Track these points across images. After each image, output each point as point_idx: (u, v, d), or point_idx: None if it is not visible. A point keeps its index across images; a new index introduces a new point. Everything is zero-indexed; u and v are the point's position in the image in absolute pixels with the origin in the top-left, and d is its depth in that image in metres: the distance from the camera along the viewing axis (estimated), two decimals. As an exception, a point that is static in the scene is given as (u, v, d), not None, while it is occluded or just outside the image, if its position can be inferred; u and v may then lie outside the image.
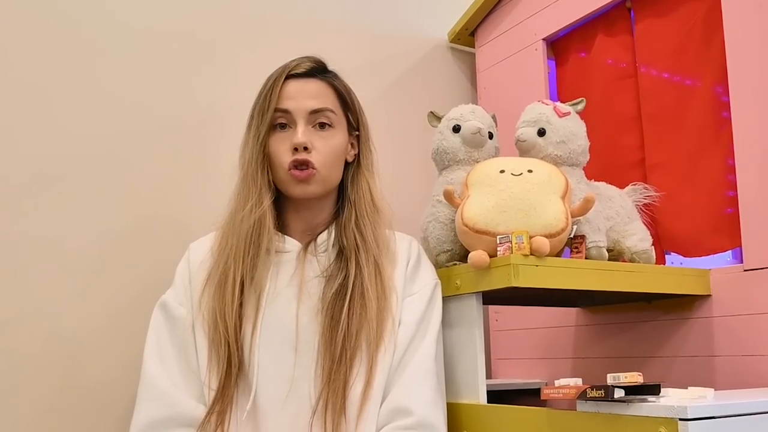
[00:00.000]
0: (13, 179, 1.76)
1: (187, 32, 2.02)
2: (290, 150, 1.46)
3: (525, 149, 1.63)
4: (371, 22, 2.35)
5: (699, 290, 1.66)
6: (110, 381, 1.80)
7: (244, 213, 1.43)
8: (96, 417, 1.78)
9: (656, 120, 1.91)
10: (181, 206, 1.94)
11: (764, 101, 1.58)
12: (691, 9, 1.83)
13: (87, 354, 1.78)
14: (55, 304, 1.77)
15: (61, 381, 1.75)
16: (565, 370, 2.04)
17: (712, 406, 1.09)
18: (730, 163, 1.71)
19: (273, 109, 1.47)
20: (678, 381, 1.71)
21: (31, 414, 1.72)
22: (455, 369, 1.53)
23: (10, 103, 1.78)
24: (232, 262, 1.40)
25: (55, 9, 1.84)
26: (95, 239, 1.83)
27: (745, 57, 1.63)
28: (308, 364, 1.39)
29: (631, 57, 2.00)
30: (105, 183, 1.86)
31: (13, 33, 1.80)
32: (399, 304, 1.45)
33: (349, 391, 1.35)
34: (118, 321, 1.82)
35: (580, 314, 2.02)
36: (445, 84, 2.47)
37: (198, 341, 1.40)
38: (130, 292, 1.85)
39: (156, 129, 1.94)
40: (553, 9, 2.14)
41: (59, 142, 1.82)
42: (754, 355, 1.57)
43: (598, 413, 1.18)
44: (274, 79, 1.49)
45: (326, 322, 1.40)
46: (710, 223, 1.77)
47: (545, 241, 1.41)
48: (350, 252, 1.46)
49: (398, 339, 1.42)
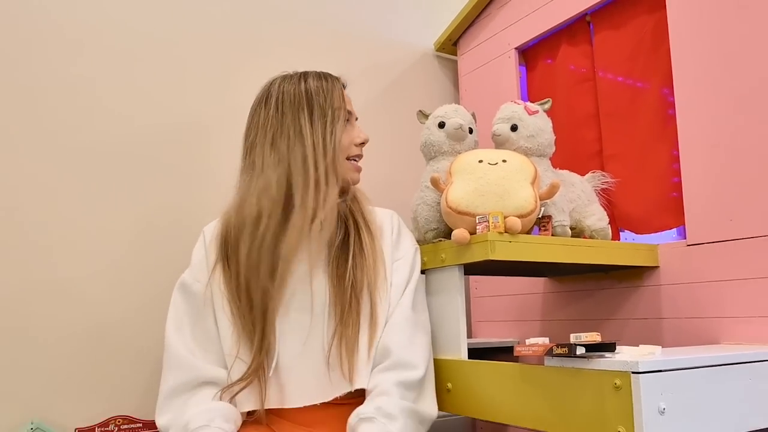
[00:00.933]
0: (53, 171, 1.76)
1: (203, 46, 2.02)
2: (356, 144, 1.54)
3: (500, 142, 1.63)
4: (368, 34, 2.35)
5: (648, 262, 1.66)
6: (138, 349, 1.81)
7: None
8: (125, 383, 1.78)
9: (612, 117, 1.91)
10: (195, 196, 1.93)
11: (704, 101, 1.58)
12: (641, 22, 1.83)
13: (116, 325, 1.78)
14: (87, 281, 1.77)
15: (93, 350, 1.75)
16: (534, 330, 2.04)
17: (659, 360, 1.09)
18: (674, 154, 1.70)
19: (344, 108, 1.50)
20: (630, 340, 1.72)
21: (68, 381, 1.71)
22: (441, 330, 1.53)
23: (52, 104, 1.77)
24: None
25: (101, 30, 1.84)
26: (124, 225, 1.83)
27: (687, 63, 1.62)
28: (321, 321, 1.39)
29: (591, 63, 1.99)
30: (133, 175, 1.86)
31: (69, 48, 1.81)
32: (390, 266, 1.46)
33: (359, 329, 1.37)
34: (143, 297, 1.82)
35: (547, 283, 2.01)
36: (431, 87, 2.47)
37: (216, 312, 1.39)
38: (153, 271, 1.84)
39: (175, 129, 1.94)
40: (523, 22, 2.14)
41: (95, 138, 1.82)
42: (695, 317, 1.57)
43: (563, 367, 1.18)
44: (337, 84, 1.52)
45: (334, 272, 1.40)
46: (658, 205, 1.78)
47: (517, 220, 1.40)
48: (348, 219, 1.47)
49: (390, 299, 1.43)
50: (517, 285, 2.11)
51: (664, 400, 1.08)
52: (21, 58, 1.74)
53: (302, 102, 1.45)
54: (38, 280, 1.69)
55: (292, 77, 1.51)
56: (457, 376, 1.44)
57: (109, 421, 1.70)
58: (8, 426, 1.62)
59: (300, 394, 1.35)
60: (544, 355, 1.19)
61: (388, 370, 1.34)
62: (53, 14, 1.79)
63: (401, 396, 1.30)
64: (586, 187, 1.75)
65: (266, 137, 1.44)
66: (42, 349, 1.68)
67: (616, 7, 1.89)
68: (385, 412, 1.26)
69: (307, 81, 1.48)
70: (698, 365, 1.14)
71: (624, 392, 1.07)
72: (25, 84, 1.74)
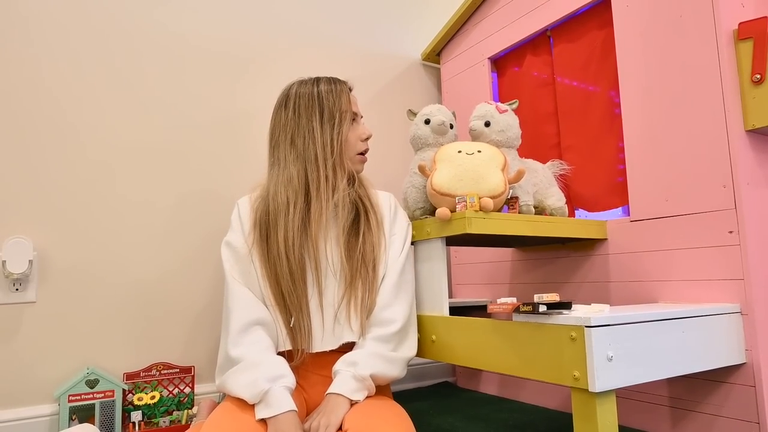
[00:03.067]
0: (114, 156, 1.76)
1: (230, 54, 2.01)
2: (362, 140, 1.51)
3: (476, 136, 1.62)
4: (366, 46, 2.34)
5: (599, 235, 1.65)
6: (175, 307, 1.81)
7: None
8: (164, 334, 1.78)
9: (568, 115, 1.90)
10: (230, 178, 1.93)
11: (644, 102, 1.57)
12: (593, 37, 1.82)
13: (156, 287, 1.78)
14: (141, 249, 1.77)
15: (138, 308, 1.75)
16: (504, 291, 2.03)
17: (608, 316, 1.09)
18: (620, 146, 1.70)
19: (349, 110, 1.48)
20: (584, 300, 1.72)
21: (117, 333, 1.72)
22: (427, 291, 1.52)
23: (115, 103, 1.76)
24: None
25: (161, 40, 1.83)
26: (172, 202, 1.83)
27: (631, 70, 1.61)
28: (332, 281, 1.39)
29: (551, 70, 1.97)
30: (179, 161, 1.86)
31: (133, 54, 1.82)
32: (388, 239, 1.46)
33: (366, 293, 1.37)
34: (187, 262, 1.83)
35: (514, 252, 2.00)
36: (418, 90, 2.45)
37: (255, 264, 1.38)
38: (195, 240, 1.85)
39: (212, 123, 1.94)
40: (495, 37, 2.12)
41: (149, 130, 1.82)
42: (637, 281, 1.57)
43: (528, 322, 1.17)
44: (344, 88, 1.50)
45: (345, 243, 1.40)
46: (606, 188, 1.77)
47: (490, 201, 1.40)
48: (358, 202, 1.45)
49: (386, 266, 1.43)
50: (490, 254, 2.11)
51: (612, 349, 1.08)
52: (99, 60, 1.75)
53: (315, 105, 1.45)
54: (95, 249, 1.69)
55: (306, 82, 1.49)
56: (440, 330, 1.44)
57: (151, 367, 1.70)
58: (69, 371, 1.63)
59: (316, 343, 1.36)
60: (513, 312, 1.19)
61: (369, 326, 1.36)
62: (123, 22, 1.81)
63: (374, 347, 1.32)
64: (547, 173, 1.74)
65: (287, 137, 1.44)
66: (96, 308, 1.68)
67: (572, 24, 1.88)
68: (350, 361, 1.29)
69: (319, 86, 1.48)
70: (640, 320, 1.14)
71: (578, 343, 1.06)
72: (102, 86, 1.74)
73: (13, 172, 1.62)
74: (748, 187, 1.36)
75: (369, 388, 1.28)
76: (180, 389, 1.72)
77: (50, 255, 1.63)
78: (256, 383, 1.19)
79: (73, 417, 1.56)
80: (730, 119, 1.38)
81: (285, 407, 1.16)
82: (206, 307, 1.83)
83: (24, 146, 1.63)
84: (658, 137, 1.53)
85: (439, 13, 2.49)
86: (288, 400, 1.18)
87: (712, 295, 1.40)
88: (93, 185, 1.72)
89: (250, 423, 1.15)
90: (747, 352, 1.33)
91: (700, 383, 1.40)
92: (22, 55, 1.66)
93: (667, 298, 1.49)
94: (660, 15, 1.54)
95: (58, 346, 1.62)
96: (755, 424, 1.29)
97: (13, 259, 1.55)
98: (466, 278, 2.22)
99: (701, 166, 1.43)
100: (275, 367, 1.23)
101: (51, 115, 1.68)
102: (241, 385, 1.21)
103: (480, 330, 1.31)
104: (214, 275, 1.84)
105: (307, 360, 1.37)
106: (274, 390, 1.18)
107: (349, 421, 1.17)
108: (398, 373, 1.35)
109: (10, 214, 1.60)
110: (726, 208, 1.37)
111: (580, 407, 1.07)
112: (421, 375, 2.24)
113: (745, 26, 1.39)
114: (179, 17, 1.91)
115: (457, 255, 2.27)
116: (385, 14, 2.40)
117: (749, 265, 1.33)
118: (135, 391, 1.66)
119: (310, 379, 1.38)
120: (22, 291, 1.59)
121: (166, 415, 1.66)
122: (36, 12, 1.69)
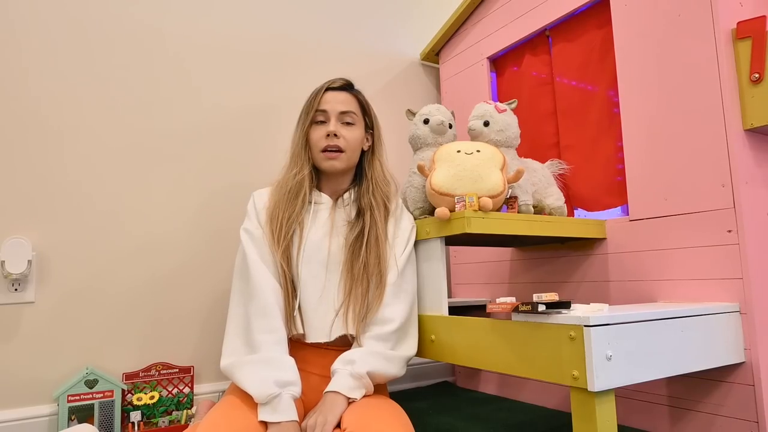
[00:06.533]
0: (113, 156, 1.77)
1: (230, 54, 2.02)
2: (324, 137, 1.49)
3: (474, 135, 1.62)
4: (367, 47, 2.34)
5: (598, 234, 1.65)
6: (173, 308, 1.81)
7: (289, 177, 1.49)
8: (163, 335, 1.78)
9: (567, 115, 1.90)
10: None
11: (643, 101, 1.57)
12: (591, 36, 1.82)
13: (154, 290, 1.79)
14: (140, 249, 1.77)
15: (138, 309, 1.76)
16: (503, 291, 2.03)
17: (606, 316, 1.08)
18: (619, 145, 1.70)
19: (315, 109, 1.51)
20: (583, 299, 1.71)
21: (117, 334, 1.72)
22: (426, 291, 1.52)
23: (115, 103, 1.77)
24: (280, 209, 1.45)
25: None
26: (171, 202, 1.84)
27: (629, 69, 1.61)
28: (334, 279, 1.43)
29: (549, 70, 1.97)
30: (179, 164, 1.87)
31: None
32: (392, 240, 1.49)
33: (366, 300, 1.40)
34: (186, 262, 1.84)
35: (513, 252, 2.00)
36: (418, 89, 2.45)
37: (265, 249, 1.42)
38: (195, 240, 1.85)
39: (213, 124, 1.94)
40: (494, 36, 2.12)
41: (149, 131, 1.84)
42: (636, 280, 1.57)
43: (527, 322, 1.17)
44: (318, 89, 1.54)
45: (349, 255, 1.44)
46: (605, 187, 1.77)
47: (489, 200, 1.40)
48: (366, 210, 1.49)
49: (389, 266, 1.46)
50: (489, 254, 2.10)
51: (611, 348, 1.07)
52: (104, 60, 1.76)
53: (302, 108, 1.55)
54: (94, 250, 1.69)
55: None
56: (439, 329, 1.44)
57: (150, 367, 1.70)
58: (68, 371, 1.63)
59: (314, 333, 1.39)
60: (512, 311, 1.18)
61: (368, 325, 1.39)
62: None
63: (372, 346, 1.35)
64: (546, 172, 1.74)
65: (293, 136, 1.56)
66: (95, 308, 1.68)
67: (570, 23, 1.88)
68: (348, 359, 1.31)
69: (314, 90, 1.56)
70: (639, 320, 1.14)
71: (577, 342, 1.06)
72: (102, 86, 1.76)
73: (12, 172, 1.61)
74: (746, 187, 1.36)
75: (367, 386, 1.29)
76: (179, 389, 1.72)
77: (49, 255, 1.63)
78: (267, 384, 1.21)
79: (72, 417, 1.56)
80: (729, 118, 1.38)
81: (290, 416, 1.19)
82: (206, 307, 1.83)
83: (24, 146, 1.63)
84: (657, 137, 1.53)
85: (438, 13, 2.49)
86: (293, 409, 1.20)
87: (711, 294, 1.39)
88: (92, 186, 1.72)
89: (246, 424, 1.16)
90: (746, 351, 1.33)
91: (699, 382, 1.40)
92: (28, 53, 1.66)
93: (666, 298, 1.49)
94: (659, 14, 1.54)
95: (57, 346, 1.62)
96: (754, 423, 1.29)
97: (12, 259, 1.55)
98: (465, 278, 2.22)
99: (700, 165, 1.43)
100: (287, 372, 1.25)
101: (50, 115, 1.68)
102: (251, 381, 1.23)
103: (479, 329, 1.31)
104: (214, 275, 1.84)
105: (308, 358, 1.39)
106: (283, 396, 1.21)
107: (348, 420, 1.18)
108: (396, 372, 1.36)
109: (9, 214, 1.60)
110: (725, 207, 1.37)
111: (579, 406, 1.07)
112: (420, 375, 2.24)
113: (743, 25, 1.39)
114: (183, 17, 1.92)
115: (457, 255, 2.27)
116: (384, 14, 2.40)
117: (748, 264, 1.33)
118: (134, 391, 1.66)
119: (310, 380, 1.38)
120: (20, 291, 1.59)
121: (166, 416, 1.65)
122: (47, 6, 1.69)
